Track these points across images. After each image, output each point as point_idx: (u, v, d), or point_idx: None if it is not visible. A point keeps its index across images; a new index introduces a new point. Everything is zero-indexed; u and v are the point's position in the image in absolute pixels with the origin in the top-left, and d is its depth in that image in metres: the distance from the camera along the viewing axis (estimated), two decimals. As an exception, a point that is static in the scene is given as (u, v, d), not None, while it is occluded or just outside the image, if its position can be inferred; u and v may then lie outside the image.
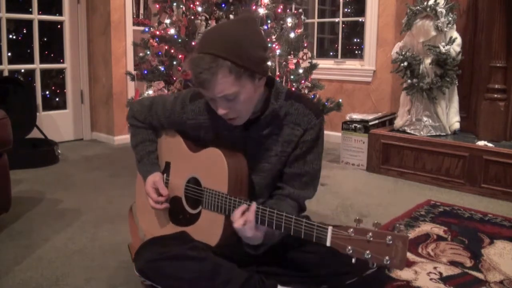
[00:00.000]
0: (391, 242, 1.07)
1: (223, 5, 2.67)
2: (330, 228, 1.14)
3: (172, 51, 2.78)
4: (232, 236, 1.36)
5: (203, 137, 1.45)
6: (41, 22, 3.80)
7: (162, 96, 1.55)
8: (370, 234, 1.09)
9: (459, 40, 2.90)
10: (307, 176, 1.40)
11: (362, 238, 1.10)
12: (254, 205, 1.24)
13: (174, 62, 2.76)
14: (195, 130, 1.45)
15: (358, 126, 3.31)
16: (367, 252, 1.09)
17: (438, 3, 2.84)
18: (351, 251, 1.11)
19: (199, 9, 2.65)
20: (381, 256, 1.08)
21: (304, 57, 2.97)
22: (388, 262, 1.07)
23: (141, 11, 4.21)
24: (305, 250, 1.43)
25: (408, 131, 3.12)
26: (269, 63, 2.73)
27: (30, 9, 3.72)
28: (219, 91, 1.22)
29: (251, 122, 1.37)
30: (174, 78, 2.77)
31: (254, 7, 2.69)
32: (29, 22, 3.75)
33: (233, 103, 1.25)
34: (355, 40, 4.75)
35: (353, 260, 1.12)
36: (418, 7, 2.91)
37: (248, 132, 1.38)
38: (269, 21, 2.74)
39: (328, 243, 1.14)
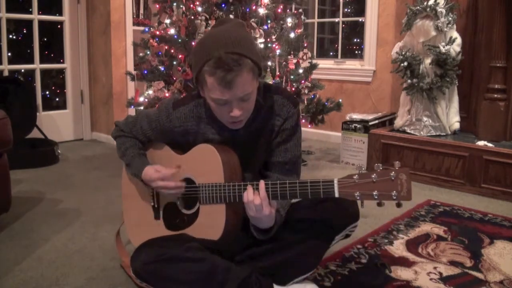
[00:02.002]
0: (394, 176, 1.13)
1: (223, 5, 2.67)
2: (335, 180, 1.19)
3: (172, 51, 2.78)
4: (235, 224, 1.37)
5: (192, 143, 1.46)
6: (41, 22, 3.80)
7: (145, 111, 1.56)
8: (374, 175, 1.16)
9: (459, 40, 2.90)
10: (289, 163, 1.45)
11: (367, 181, 1.16)
12: (262, 182, 1.27)
13: (174, 62, 2.76)
14: (183, 136, 1.46)
15: (358, 126, 3.31)
16: (375, 192, 1.15)
17: (438, 3, 2.84)
18: (359, 196, 1.16)
19: (199, 9, 2.66)
20: (389, 192, 1.14)
21: (304, 57, 2.98)
22: (396, 197, 1.13)
23: (141, 11, 4.21)
24: (289, 221, 1.44)
25: (408, 131, 3.12)
26: (269, 63, 2.73)
27: (30, 9, 3.72)
28: (243, 90, 1.24)
29: None
30: (174, 78, 2.77)
31: (254, 7, 2.70)
32: (29, 22, 3.75)
33: (246, 104, 1.29)
34: (355, 40, 4.75)
35: (362, 206, 1.18)
36: (418, 7, 2.91)
37: (236, 131, 1.41)
38: (269, 21, 2.74)
39: (336, 195, 1.19)
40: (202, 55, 1.24)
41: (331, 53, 4.66)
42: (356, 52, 4.69)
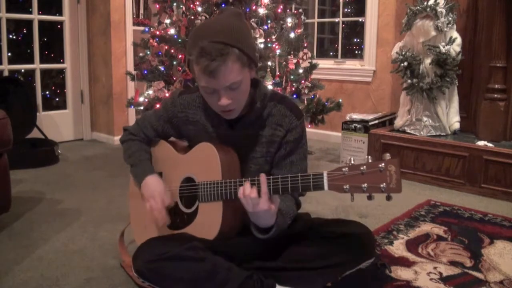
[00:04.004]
0: (383, 168, 1.11)
1: (223, 5, 2.67)
2: (325, 173, 1.18)
3: (172, 51, 2.78)
4: (232, 223, 1.37)
5: (193, 134, 1.47)
6: (41, 22, 3.80)
7: (152, 109, 1.60)
8: (363, 167, 1.13)
9: (459, 40, 2.90)
10: None
11: (356, 173, 1.14)
12: (263, 175, 1.25)
13: (174, 62, 2.76)
14: (185, 124, 1.49)
15: (358, 126, 3.31)
16: (364, 185, 1.13)
17: (438, 3, 2.84)
18: (348, 189, 1.15)
19: (199, 9, 2.66)
20: (377, 184, 1.12)
21: (304, 57, 2.98)
22: (384, 189, 1.12)
23: (141, 11, 4.21)
24: (305, 244, 1.44)
25: (408, 131, 3.12)
26: (269, 63, 2.73)
27: (30, 9, 3.72)
28: (228, 79, 1.24)
29: (236, 121, 1.41)
30: (174, 78, 2.77)
31: (254, 7, 2.70)
32: (29, 22, 3.75)
33: (235, 93, 1.29)
34: (355, 40, 4.75)
35: (352, 199, 1.17)
36: (418, 7, 2.91)
37: (233, 130, 1.42)
38: (269, 21, 2.74)
39: (326, 188, 1.18)
40: (190, 44, 1.28)
41: (331, 53, 4.65)
42: (356, 52, 4.68)
